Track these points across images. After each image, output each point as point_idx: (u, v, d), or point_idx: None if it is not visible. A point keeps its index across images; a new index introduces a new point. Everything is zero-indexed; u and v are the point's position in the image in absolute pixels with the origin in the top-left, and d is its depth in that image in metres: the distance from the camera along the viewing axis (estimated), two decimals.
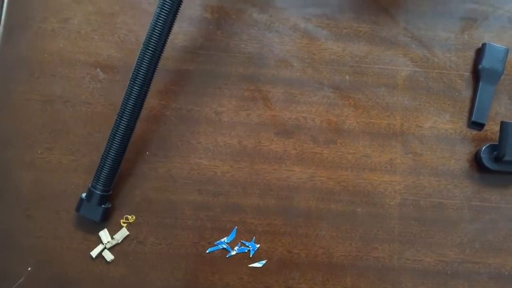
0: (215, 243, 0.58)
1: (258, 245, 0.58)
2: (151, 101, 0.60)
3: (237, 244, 0.58)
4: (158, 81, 0.60)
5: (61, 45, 0.60)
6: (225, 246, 0.58)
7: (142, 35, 0.60)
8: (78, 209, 0.56)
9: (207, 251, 0.58)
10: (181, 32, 0.61)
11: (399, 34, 0.62)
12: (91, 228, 0.57)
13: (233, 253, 0.58)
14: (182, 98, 0.60)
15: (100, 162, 0.55)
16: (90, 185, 0.55)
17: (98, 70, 0.60)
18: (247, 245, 0.58)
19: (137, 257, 0.57)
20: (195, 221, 0.58)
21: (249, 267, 0.58)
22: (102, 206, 0.56)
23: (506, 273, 0.58)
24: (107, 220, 0.57)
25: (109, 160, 0.54)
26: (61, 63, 0.60)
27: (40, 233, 0.57)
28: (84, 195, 0.56)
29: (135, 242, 0.57)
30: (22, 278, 0.56)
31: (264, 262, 0.58)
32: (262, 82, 0.61)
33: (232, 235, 0.58)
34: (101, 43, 0.60)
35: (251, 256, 0.58)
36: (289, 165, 0.60)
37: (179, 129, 0.60)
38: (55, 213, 0.57)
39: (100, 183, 0.54)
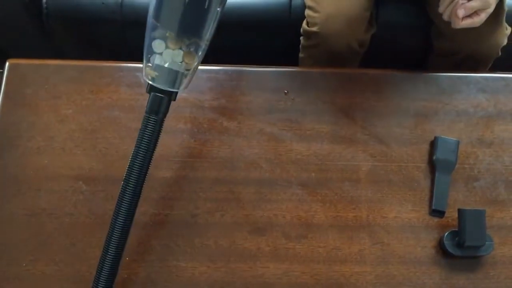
0: None
1: None
2: None
3: None
4: None
5: (46, 161, 0.65)
6: None
7: (122, 147, 0.66)
8: None
9: None
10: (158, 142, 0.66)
11: (357, 133, 0.68)
12: None
13: None
14: (160, 203, 0.64)
15: None
16: None
17: (81, 182, 0.64)
18: None
19: None
20: None
21: None
22: None
23: None
24: None
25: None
26: (46, 178, 0.64)
27: None
28: None
29: None
30: None
31: None
32: (234, 184, 0.65)
33: None
34: (83, 157, 0.65)
35: None
36: (264, 262, 0.62)
37: (158, 234, 0.63)
38: None
39: None
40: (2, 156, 0.65)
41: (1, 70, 0.70)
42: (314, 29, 0.81)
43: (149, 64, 0.53)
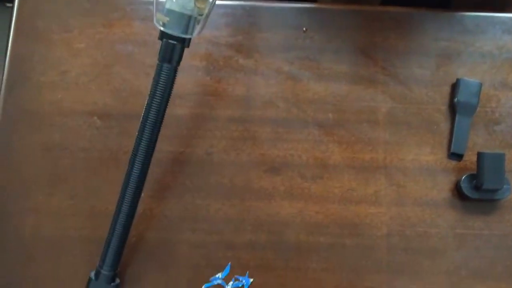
0: (210, 280, 0.60)
1: (251, 280, 0.60)
2: None
3: (232, 279, 0.60)
4: None
5: (60, 96, 0.64)
6: (220, 282, 0.60)
7: (136, 84, 0.64)
8: None
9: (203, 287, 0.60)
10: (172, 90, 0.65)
11: (377, 73, 0.66)
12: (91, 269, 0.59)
13: None
14: (174, 141, 0.63)
15: (105, 245, 0.56)
16: (97, 264, 0.57)
17: (95, 118, 0.63)
18: (241, 280, 0.60)
19: None
20: (190, 259, 0.60)
21: None
22: (112, 284, 0.57)
23: None
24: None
25: (113, 244, 0.56)
26: (60, 113, 0.63)
27: (41, 276, 0.59)
28: (92, 274, 0.58)
29: (132, 280, 0.60)
30: None
31: None
32: (250, 123, 0.64)
33: (226, 271, 0.60)
34: (97, 92, 0.64)
35: None
36: (279, 201, 0.62)
37: (173, 171, 0.63)
38: (56, 256, 0.60)
39: (106, 265, 0.56)
40: (15, 90, 0.64)
41: (11, 4, 0.68)
42: None
43: (160, 9, 0.51)
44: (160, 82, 0.53)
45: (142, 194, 0.61)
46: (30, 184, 0.62)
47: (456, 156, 0.64)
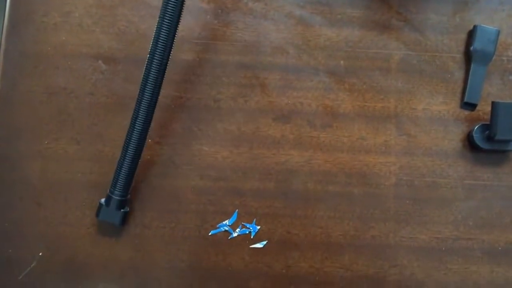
0: (217, 226, 0.60)
1: (258, 227, 0.60)
2: None
3: (239, 226, 0.60)
4: None
5: (64, 38, 0.62)
6: (227, 229, 0.60)
7: (142, 26, 0.62)
8: (97, 214, 0.58)
9: (209, 234, 0.60)
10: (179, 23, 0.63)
11: (392, 18, 0.63)
12: None
13: (235, 235, 0.60)
14: (181, 86, 0.62)
15: (117, 169, 0.56)
16: (108, 190, 0.57)
17: (100, 61, 0.62)
18: (248, 227, 0.60)
19: (143, 240, 0.60)
20: (197, 205, 0.60)
21: (251, 248, 0.60)
22: (121, 210, 0.58)
23: (500, 248, 0.60)
24: (126, 223, 0.59)
25: (125, 167, 0.56)
26: (64, 56, 0.62)
27: (50, 219, 0.60)
28: (103, 200, 0.58)
29: (141, 226, 0.60)
30: (34, 263, 0.59)
31: (265, 242, 0.60)
32: (259, 69, 0.63)
33: (234, 217, 0.60)
34: (102, 35, 0.62)
35: (252, 237, 0.60)
36: (287, 149, 0.62)
37: (180, 117, 0.62)
38: (63, 200, 0.60)
39: (118, 189, 0.56)
40: (17, 32, 0.62)
41: None
42: None
43: None
44: (167, 15, 0.51)
45: (149, 140, 0.61)
46: (36, 128, 0.61)
47: (469, 105, 0.62)
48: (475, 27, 0.62)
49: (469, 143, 0.62)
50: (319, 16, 0.64)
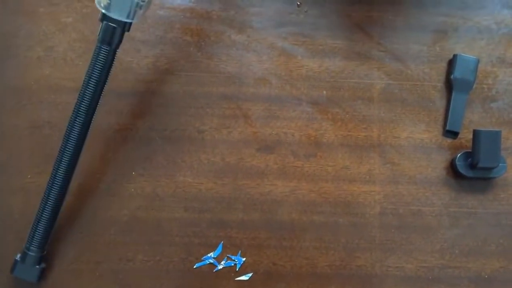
0: (202, 258, 0.60)
1: (244, 259, 0.60)
2: (135, 122, 0.62)
3: (224, 258, 0.60)
4: (141, 103, 0.62)
5: (47, 72, 0.62)
6: (212, 261, 0.60)
7: (126, 60, 0.63)
8: (12, 270, 0.57)
9: (194, 266, 0.59)
10: (163, 55, 0.63)
11: (372, 49, 0.64)
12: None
13: (220, 267, 0.60)
14: (165, 119, 0.62)
15: (34, 223, 0.56)
16: (24, 246, 0.56)
17: None
18: (233, 259, 0.60)
19: (127, 275, 0.59)
20: (182, 238, 0.60)
21: (236, 280, 0.59)
22: (38, 266, 0.57)
23: (486, 276, 0.60)
24: (43, 278, 0.58)
25: (42, 222, 0.55)
26: (48, 90, 0.62)
27: None
28: (18, 256, 0.57)
29: (124, 260, 0.59)
30: None
31: (250, 275, 0.60)
32: (242, 100, 0.63)
33: (218, 250, 0.60)
34: (85, 69, 0.62)
35: (237, 269, 0.60)
36: (271, 180, 0.62)
37: (164, 149, 0.62)
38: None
39: (34, 244, 0.56)
40: (1, 67, 0.62)
41: None
42: None
43: None
44: (98, 64, 0.53)
45: (133, 173, 0.61)
46: (18, 163, 0.61)
47: (451, 133, 0.63)
48: (454, 56, 0.63)
49: (453, 170, 0.62)
50: (301, 47, 0.64)
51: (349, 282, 0.60)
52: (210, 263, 0.60)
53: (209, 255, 0.60)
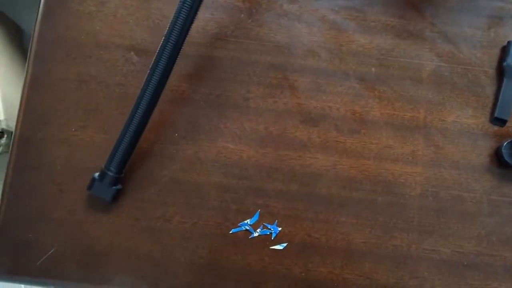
0: (238, 225, 0.60)
1: (279, 228, 0.60)
2: (181, 85, 0.62)
3: (260, 226, 0.60)
4: (188, 66, 0.62)
5: (98, 28, 0.62)
6: (248, 228, 0.60)
7: None
8: (90, 187, 0.58)
9: (230, 232, 0.60)
10: (213, 19, 0.63)
11: (425, 29, 0.63)
12: None
13: (256, 234, 0.60)
14: (211, 83, 0.62)
15: (116, 145, 0.57)
16: (103, 165, 0.57)
17: (132, 53, 0.62)
18: (269, 227, 0.60)
19: (163, 234, 0.59)
20: (220, 203, 0.60)
21: (271, 249, 0.59)
22: (114, 187, 0.58)
23: None
24: (116, 200, 0.59)
25: (123, 145, 0.56)
26: (97, 45, 0.62)
27: (71, 207, 0.59)
28: (96, 174, 0.58)
29: (162, 219, 0.59)
30: (53, 249, 0.59)
31: (285, 245, 0.60)
32: (289, 71, 0.63)
33: (255, 217, 0.60)
34: (135, 27, 0.62)
35: (272, 238, 0.60)
36: (313, 153, 0.61)
37: (208, 113, 0.62)
38: (86, 190, 0.60)
39: (113, 165, 0.57)
40: (52, 18, 0.62)
41: None
42: None
43: None
44: (186, 5, 0.52)
45: (176, 135, 0.61)
46: (64, 115, 0.61)
47: (499, 121, 0.62)
48: (509, 43, 0.62)
49: (497, 158, 0.61)
50: (353, 22, 0.63)
51: (383, 260, 0.59)
52: (246, 230, 0.60)
53: (245, 221, 0.60)
